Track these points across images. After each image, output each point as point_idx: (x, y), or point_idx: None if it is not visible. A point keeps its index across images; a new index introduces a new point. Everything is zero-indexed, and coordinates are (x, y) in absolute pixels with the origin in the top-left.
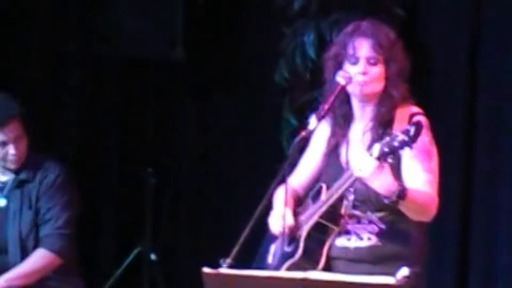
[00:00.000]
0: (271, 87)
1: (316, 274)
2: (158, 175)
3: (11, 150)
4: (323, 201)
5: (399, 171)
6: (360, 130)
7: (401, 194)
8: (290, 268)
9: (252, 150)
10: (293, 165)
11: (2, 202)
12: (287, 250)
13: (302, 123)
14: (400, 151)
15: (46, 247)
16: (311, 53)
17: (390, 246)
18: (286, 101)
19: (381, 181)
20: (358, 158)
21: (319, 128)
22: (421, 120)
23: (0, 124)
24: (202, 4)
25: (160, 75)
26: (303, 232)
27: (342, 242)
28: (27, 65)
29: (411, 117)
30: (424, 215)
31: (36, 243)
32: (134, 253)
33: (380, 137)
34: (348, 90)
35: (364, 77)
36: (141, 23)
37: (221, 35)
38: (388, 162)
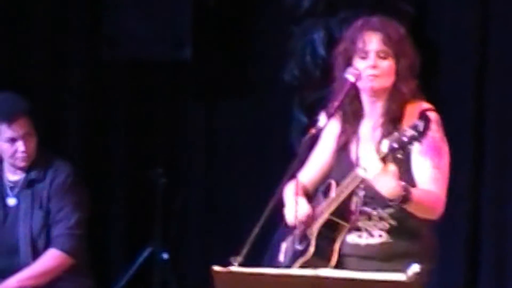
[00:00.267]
0: (280, 86)
1: (326, 272)
2: (168, 175)
3: (21, 147)
4: (333, 198)
5: (409, 167)
6: (370, 127)
7: (405, 199)
8: (302, 266)
9: (261, 149)
10: (302, 162)
11: (12, 201)
12: (299, 248)
13: (312, 121)
14: (409, 146)
15: (57, 247)
16: (320, 50)
17: (401, 243)
18: (296, 99)
19: (385, 184)
20: (364, 158)
21: (329, 126)
22: (429, 114)
23: (9, 120)
24: (212, 5)
25: (168, 76)
26: (314, 229)
27: (353, 239)
28: (30, 66)
29: (422, 113)
30: (430, 215)
31: (47, 243)
32: (145, 253)
33: (389, 133)
34: (358, 86)
35: (374, 71)
36: (147, 23)
37: (228, 35)
38: (398, 158)
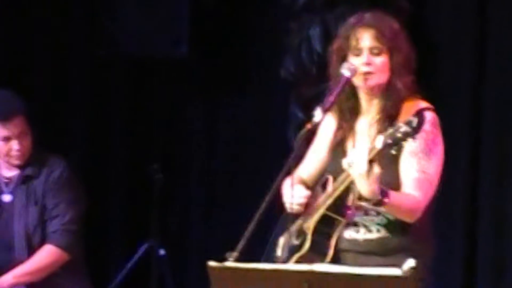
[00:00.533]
0: (277, 82)
1: (322, 267)
2: (166, 171)
3: (15, 145)
4: (329, 193)
5: (398, 165)
6: (367, 123)
7: (380, 201)
8: (298, 261)
9: (259, 146)
10: (299, 157)
11: (7, 198)
12: (295, 243)
13: (308, 116)
14: (403, 142)
15: (53, 243)
16: (317, 47)
17: (399, 238)
18: (293, 95)
19: (365, 185)
20: (353, 153)
21: (325, 121)
22: (426, 113)
23: (4, 119)
24: (210, 2)
25: (166, 73)
26: (311, 224)
27: (351, 234)
28: (31, 65)
29: (420, 111)
30: (406, 218)
31: (42, 239)
32: (142, 248)
33: (385, 129)
34: (354, 82)
35: (368, 67)
36: (146, 21)
37: (226, 32)
38: (391, 154)
